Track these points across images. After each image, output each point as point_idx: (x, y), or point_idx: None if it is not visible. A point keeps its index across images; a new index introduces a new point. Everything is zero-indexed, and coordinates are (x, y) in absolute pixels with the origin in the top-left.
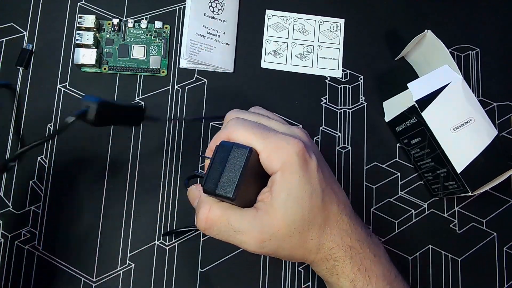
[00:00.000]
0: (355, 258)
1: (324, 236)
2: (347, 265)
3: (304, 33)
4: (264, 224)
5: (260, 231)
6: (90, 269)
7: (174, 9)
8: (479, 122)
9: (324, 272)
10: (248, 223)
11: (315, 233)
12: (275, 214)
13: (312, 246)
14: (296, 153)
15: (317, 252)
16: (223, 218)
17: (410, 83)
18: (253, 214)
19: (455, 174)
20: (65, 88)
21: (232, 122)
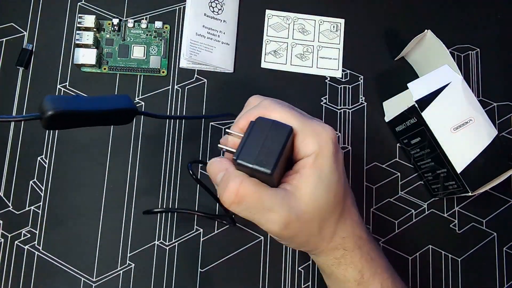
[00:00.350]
0: (363, 249)
1: (339, 225)
2: (356, 254)
3: (304, 33)
4: (291, 206)
5: (288, 211)
6: (90, 269)
7: (174, 9)
8: (479, 122)
9: (331, 262)
10: (279, 202)
11: (333, 221)
12: (303, 197)
13: (327, 234)
14: (332, 139)
15: (330, 241)
16: (256, 194)
17: (410, 83)
18: (283, 194)
19: (455, 174)
20: (65, 88)
21: (268, 102)
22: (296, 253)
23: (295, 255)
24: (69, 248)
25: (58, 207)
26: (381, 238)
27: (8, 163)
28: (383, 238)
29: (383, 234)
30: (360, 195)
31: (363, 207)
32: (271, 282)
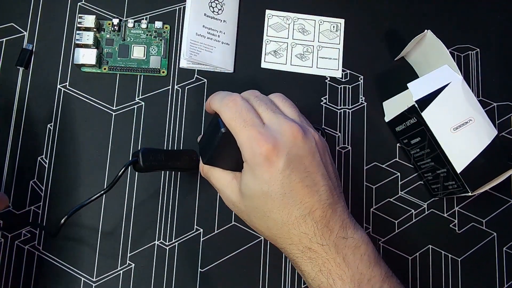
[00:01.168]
0: (316, 260)
1: (283, 231)
2: (307, 264)
3: (304, 33)
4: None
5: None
6: (90, 269)
7: (174, 9)
8: (479, 122)
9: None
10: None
11: (275, 223)
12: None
13: (274, 227)
14: (260, 153)
15: (279, 243)
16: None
17: (410, 83)
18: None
19: (455, 174)
20: (65, 88)
21: (229, 100)
22: None
23: None
24: (69, 248)
25: (58, 207)
26: (381, 238)
27: (8, 163)
28: (383, 238)
29: (383, 234)
30: (360, 195)
31: (363, 207)
32: (271, 282)
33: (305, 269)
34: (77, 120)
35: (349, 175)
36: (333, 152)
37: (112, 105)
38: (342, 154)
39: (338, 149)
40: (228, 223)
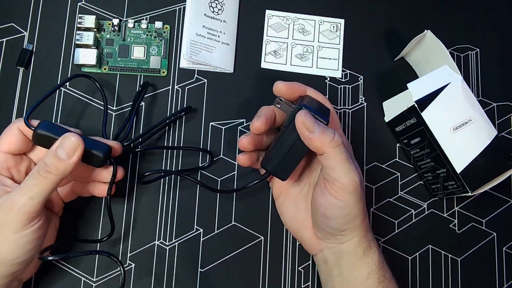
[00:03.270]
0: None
1: (367, 217)
2: (375, 242)
3: (304, 33)
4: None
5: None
6: (90, 269)
7: (174, 9)
8: (478, 122)
9: (365, 245)
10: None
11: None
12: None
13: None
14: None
15: (366, 220)
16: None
17: (410, 83)
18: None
19: (455, 174)
20: (65, 88)
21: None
22: (296, 253)
23: (295, 255)
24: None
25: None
26: (381, 238)
27: None
28: (383, 238)
29: (383, 234)
30: None
31: None
32: (271, 282)
33: (376, 245)
34: (77, 120)
35: None
36: None
37: (113, 105)
38: None
39: None
40: (228, 223)
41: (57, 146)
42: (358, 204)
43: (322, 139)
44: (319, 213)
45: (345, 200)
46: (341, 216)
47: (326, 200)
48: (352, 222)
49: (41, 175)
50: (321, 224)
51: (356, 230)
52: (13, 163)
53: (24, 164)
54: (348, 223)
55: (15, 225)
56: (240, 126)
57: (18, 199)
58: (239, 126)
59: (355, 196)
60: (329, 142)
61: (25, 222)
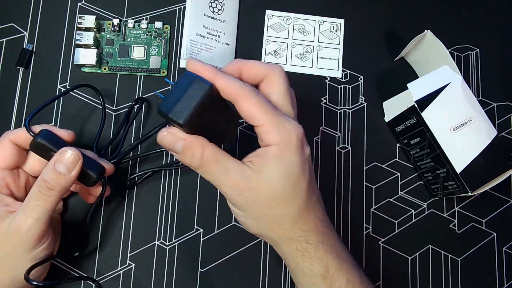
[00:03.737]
0: (327, 243)
1: (300, 217)
2: (320, 249)
3: (304, 33)
4: (246, 175)
5: (241, 178)
6: (90, 269)
7: (174, 9)
8: (478, 122)
9: (294, 254)
10: (235, 168)
11: (292, 211)
12: (260, 177)
13: (285, 222)
14: (297, 136)
15: (290, 229)
16: (216, 160)
17: (410, 83)
18: (241, 165)
19: (455, 174)
20: (65, 88)
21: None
22: None
23: None
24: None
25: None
26: (381, 238)
27: None
28: (383, 238)
29: (383, 234)
30: (360, 195)
31: (363, 207)
32: (271, 282)
33: (317, 255)
34: (77, 120)
35: (349, 175)
36: (333, 152)
37: (112, 105)
38: (342, 154)
39: (338, 149)
40: (228, 223)
41: (55, 161)
42: (249, 212)
43: (183, 161)
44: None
45: (233, 205)
46: (240, 221)
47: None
48: (255, 229)
49: (43, 193)
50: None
51: (270, 239)
52: (11, 179)
53: (23, 179)
54: (251, 229)
55: (26, 247)
56: (240, 126)
57: (24, 223)
58: (239, 126)
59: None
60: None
61: (35, 243)
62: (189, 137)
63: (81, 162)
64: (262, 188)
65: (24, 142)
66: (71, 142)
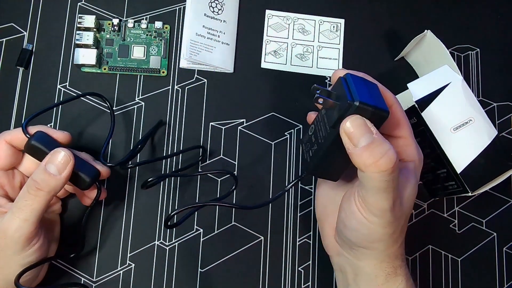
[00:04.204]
0: (407, 266)
1: (403, 237)
2: (407, 268)
3: (304, 33)
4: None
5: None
6: (90, 269)
7: (174, 9)
8: (479, 122)
9: (390, 270)
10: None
11: (403, 229)
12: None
13: (400, 237)
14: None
15: (399, 246)
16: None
17: (410, 83)
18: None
19: (455, 175)
20: (65, 88)
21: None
22: (296, 253)
23: (295, 255)
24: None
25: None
26: None
27: None
28: None
29: None
30: None
31: None
32: (271, 282)
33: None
34: (77, 120)
35: None
36: None
37: (113, 106)
38: None
39: None
40: (228, 223)
41: (46, 161)
42: (384, 229)
43: (364, 157)
44: (340, 217)
45: (369, 219)
46: (359, 231)
47: (350, 208)
48: (372, 243)
49: (31, 193)
50: (339, 229)
51: (377, 253)
52: (5, 180)
53: (18, 180)
54: (367, 242)
55: (14, 249)
56: (240, 126)
57: (12, 223)
58: (239, 126)
59: (382, 220)
60: (371, 163)
61: (24, 244)
62: (378, 133)
63: (72, 163)
64: (406, 206)
65: (20, 143)
66: (66, 144)
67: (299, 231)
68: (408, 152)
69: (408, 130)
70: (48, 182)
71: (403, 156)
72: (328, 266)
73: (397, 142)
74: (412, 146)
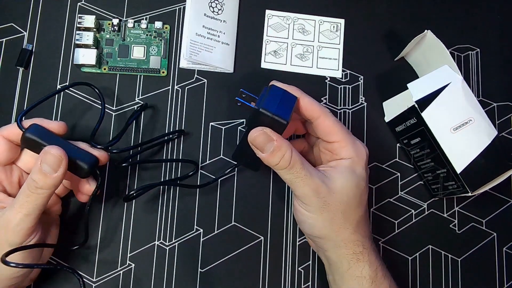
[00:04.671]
0: (375, 250)
1: (360, 224)
2: (372, 254)
3: (304, 33)
4: (325, 180)
5: (322, 181)
6: (90, 269)
7: (174, 9)
8: (479, 123)
9: (351, 257)
10: (316, 173)
11: (357, 217)
12: (336, 184)
13: (351, 226)
14: (366, 153)
15: (352, 232)
16: (301, 162)
17: (410, 83)
18: (318, 170)
19: (455, 175)
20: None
21: (328, 110)
22: (296, 253)
23: (295, 255)
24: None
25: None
26: (381, 238)
27: None
28: (383, 238)
29: (383, 234)
30: None
31: None
32: (271, 282)
33: (370, 259)
34: (77, 120)
35: None
36: None
37: (112, 105)
38: None
39: None
40: (228, 223)
41: (41, 161)
42: (321, 214)
43: (269, 161)
44: (295, 215)
45: (306, 208)
46: (306, 222)
47: (294, 205)
48: (320, 231)
49: (32, 191)
50: (299, 227)
51: (332, 240)
52: (4, 175)
53: (16, 175)
54: (316, 230)
55: (13, 242)
56: (240, 126)
57: (14, 217)
58: (239, 126)
59: (313, 206)
60: (275, 165)
61: (23, 238)
62: (279, 139)
63: (65, 162)
64: (338, 194)
65: (16, 137)
66: (62, 134)
67: (299, 231)
68: (343, 152)
69: (341, 134)
70: (46, 181)
71: (340, 156)
72: None
73: (332, 146)
74: (347, 147)
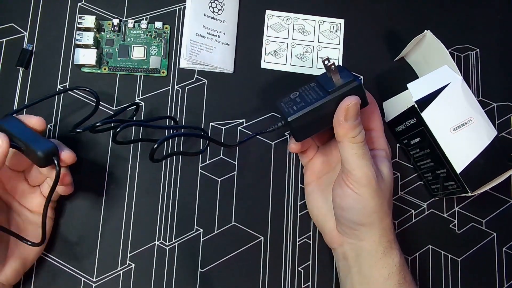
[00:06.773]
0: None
1: (390, 214)
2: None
3: (304, 33)
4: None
5: (377, 167)
6: (90, 269)
7: (174, 9)
8: (478, 123)
9: (386, 245)
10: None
11: (391, 205)
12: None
13: (390, 213)
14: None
15: (389, 220)
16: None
17: (409, 83)
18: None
19: (455, 175)
20: (64, 88)
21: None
22: (296, 253)
23: (295, 255)
24: (69, 248)
25: (58, 208)
26: None
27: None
28: None
29: None
30: None
31: None
32: (271, 282)
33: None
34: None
35: None
36: None
37: (112, 106)
38: None
39: None
40: (228, 223)
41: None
42: (374, 199)
43: (347, 131)
44: (336, 203)
45: (359, 192)
46: (355, 208)
47: (342, 190)
48: (369, 217)
49: None
50: (338, 215)
51: (375, 228)
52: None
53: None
54: (364, 217)
55: None
56: (240, 126)
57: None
58: (239, 126)
59: (370, 189)
60: (350, 137)
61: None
62: (359, 118)
63: (6, 141)
64: (386, 180)
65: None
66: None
67: (299, 231)
68: (379, 142)
69: (380, 124)
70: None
71: (375, 145)
72: (328, 266)
73: (371, 133)
74: (382, 138)
